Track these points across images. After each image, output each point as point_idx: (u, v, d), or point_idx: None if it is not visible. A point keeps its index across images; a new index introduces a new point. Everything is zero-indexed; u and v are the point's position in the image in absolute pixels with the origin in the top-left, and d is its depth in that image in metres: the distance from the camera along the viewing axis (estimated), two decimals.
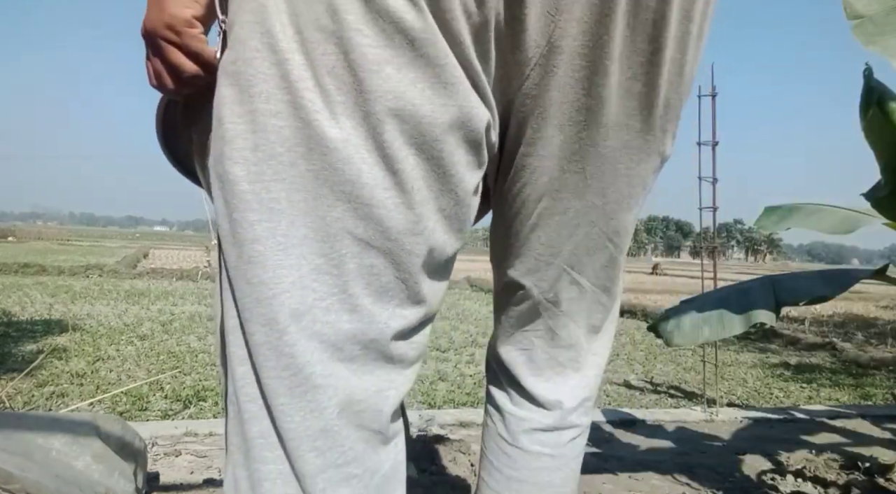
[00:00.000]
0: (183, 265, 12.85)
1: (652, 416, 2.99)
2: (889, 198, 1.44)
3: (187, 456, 2.16)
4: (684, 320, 1.70)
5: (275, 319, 0.50)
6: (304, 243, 0.50)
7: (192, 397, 3.07)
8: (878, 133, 1.36)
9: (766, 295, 1.57)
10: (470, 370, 4.16)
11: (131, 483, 1.37)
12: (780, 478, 2.09)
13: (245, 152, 0.49)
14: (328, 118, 0.48)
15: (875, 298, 12.45)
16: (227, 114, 0.49)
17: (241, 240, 0.50)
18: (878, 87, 1.34)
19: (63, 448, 1.29)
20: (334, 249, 0.51)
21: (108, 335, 4.77)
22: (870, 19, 1.30)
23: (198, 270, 11.14)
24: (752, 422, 3.04)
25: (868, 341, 6.27)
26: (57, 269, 10.41)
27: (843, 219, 1.70)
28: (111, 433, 1.42)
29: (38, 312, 5.79)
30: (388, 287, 0.54)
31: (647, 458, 2.31)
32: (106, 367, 3.69)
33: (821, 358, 5.41)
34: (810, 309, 8.43)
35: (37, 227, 41.81)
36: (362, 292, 0.52)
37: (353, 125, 0.48)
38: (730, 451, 2.51)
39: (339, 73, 0.47)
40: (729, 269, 32.36)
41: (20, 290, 7.55)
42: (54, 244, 23.80)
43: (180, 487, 1.87)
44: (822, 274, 1.63)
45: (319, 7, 0.46)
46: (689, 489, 2.06)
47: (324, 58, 0.47)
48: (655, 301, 9.01)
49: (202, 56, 0.55)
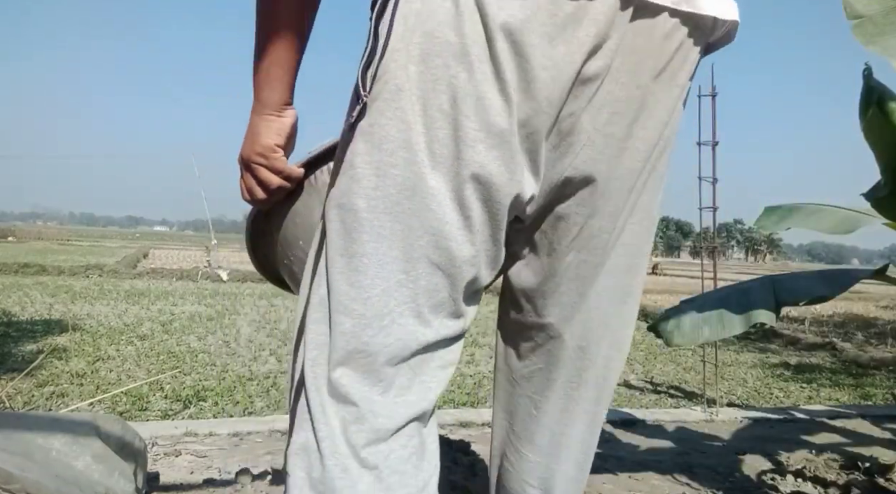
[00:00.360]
0: (183, 265, 12.86)
1: (652, 416, 2.99)
2: (889, 198, 1.44)
3: (187, 456, 2.16)
4: (684, 320, 1.70)
5: (363, 315, 0.67)
6: (395, 261, 0.67)
7: (192, 397, 3.07)
8: (878, 133, 1.36)
9: (766, 295, 1.57)
10: (470, 370, 4.16)
11: (131, 483, 1.37)
12: (780, 478, 2.09)
13: (368, 190, 0.67)
14: (430, 172, 0.66)
15: (875, 298, 12.45)
16: (359, 161, 0.68)
17: (352, 252, 0.68)
18: (878, 87, 1.34)
19: (63, 448, 1.29)
20: (414, 268, 0.68)
21: (108, 335, 4.78)
22: (870, 19, 1.30)
23: (198, 270, 11.14)
24: (752, 422, 3.04)
25: (868, 341, 6.28)
26: (57, 269, 10.41)
27: (843, 219, 1.70)
28: (111, 433, 1.42)
29: (38, 312, 5.79)
30: (443, 302, 0.71)
31: (647, 458, 2.31)
32: (106, 367, 3.69)
33: (821, 358, 5.41)
34: (810, 309, 8.44)
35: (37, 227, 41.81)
36: (425, 303, 0.69)
37: (446, 180, 0.66)
38: (730, 451, 2.51)
39: (446, 143, 0.66)
40: (729, 269, 32.36)
41: (20, 290, 7.56)
42: (54, 244, 23.81)
43: (180, 487, 1.87)
44: (822, 274, 1.63)
45: (444, 96, 0.65)
46: (689, 489, 2.06)
47: (438, 131, 0.66)
48: (655, 301, 9.01)
49: (284, 172, 0.80)
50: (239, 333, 5.19)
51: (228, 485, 1.86)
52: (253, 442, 2.36)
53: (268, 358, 4.21)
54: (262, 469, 1.97)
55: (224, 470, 2.02)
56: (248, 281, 10.89)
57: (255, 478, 1.83)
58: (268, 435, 2.46)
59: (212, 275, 10.87)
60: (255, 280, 11.03)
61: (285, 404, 1.32)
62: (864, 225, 1.65)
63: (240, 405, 3.01)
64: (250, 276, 11.29)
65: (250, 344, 4.69)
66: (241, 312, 6.59)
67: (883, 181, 1.44)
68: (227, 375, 3.62)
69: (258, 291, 9.10)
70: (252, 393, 3.23)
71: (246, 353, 4.34)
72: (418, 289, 0.69)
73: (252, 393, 3.23)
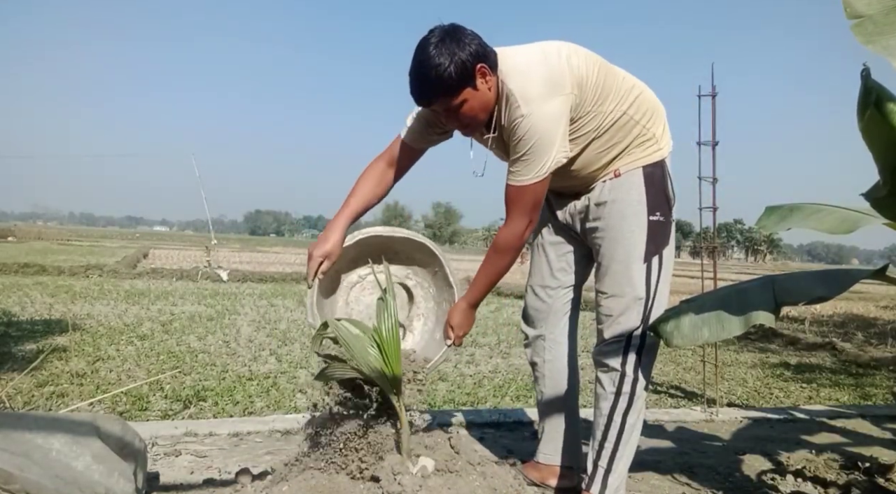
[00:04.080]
0: (183, 265, 12.85)
1: (652, 416, 2.99)
2: (888, 199, 1.44)
3: (187, 456, 2.16)
4: (684, 321, 1.70)
5: (667, 300, 1.77)
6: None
7: (192, 397, 3.07)
8: (876, 133, 1.35)
9: (766, 296, 1.57)
10: (470, 370, 4.16)
11: (131, 483, 1.37)
12: (780, 478, 2.09)
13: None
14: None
15: (875, 298, 12.45)
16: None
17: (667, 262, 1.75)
18: (876, 88, 1.33)
19: (63, 448, 1.29)
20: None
21: (108, 335, 4.78)
22: (870, 19, 1.30)
23: (198, 270, 11.14)
24: (752, 422, 3.04)
25: (868, 341, 6.27)
26: (57, 269, 10.41)
27: (843, 219, 1.70)
28: (111, 433, 1.42)
29: (38, 312, 5.79)
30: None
31: (647, 458, 2.31)
32: (106, 367, 3.69)
33: (821, 358, 5.41)
34: (810, 309, 8.43)
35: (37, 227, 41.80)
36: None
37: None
38: (730, 451, 2.51)
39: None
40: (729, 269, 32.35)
41: (20, 290, 7.56)
42: (54, 244, 23.80)
43: (180, 487, 1.86)
44: (822, 274, 1.62)
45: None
46: (689, 489, 2.06)
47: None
48: None
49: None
50: (239, 333, 5.19)
51: (228, 485, 1.85)
52: (253, 442, 2.36)
53: (268, 358, 4.21)
54: (262, 469, 1.97)
55: (224, 470, 2.02)
56: (248, 281, 10.89)
57: (255, 478, 1.83)
58: (268, 435, 2.46)
59: (212, 275, 10.87)
60: (254, 280, 11.04)
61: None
62: (864, 225, 1.65)
63: (240, 405, 3.01)
64: (250, 276, 11.30)
65: (250, 344, 4.69)
66: (241, 312, 6.59)
67: (882, 181, 1.44)
68: (227, 375, 3.62)
69: (258, 291, 9.11)
70: (252, 393, 3.23)
71: (246, 353, 4.34)
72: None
73: (252, 393, 3.23)
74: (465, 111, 1.54)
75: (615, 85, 1.65)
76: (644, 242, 1.68)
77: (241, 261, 16.41)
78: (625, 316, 1.70)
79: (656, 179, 1.71)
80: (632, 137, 1.69)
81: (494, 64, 1.54)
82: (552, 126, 1.52)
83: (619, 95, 1.65)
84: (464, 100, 1.52)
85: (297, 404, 3.08)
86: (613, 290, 1.72)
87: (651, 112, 1.71)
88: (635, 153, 1.69)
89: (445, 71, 1.45)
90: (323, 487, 1.44)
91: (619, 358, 1.69)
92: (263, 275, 11.48)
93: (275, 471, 1.70)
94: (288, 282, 11.00)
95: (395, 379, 1.50)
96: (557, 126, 1.52)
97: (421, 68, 1.48)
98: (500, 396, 3.43)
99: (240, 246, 35.03)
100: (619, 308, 1.71)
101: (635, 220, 1.68)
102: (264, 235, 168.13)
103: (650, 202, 1.69)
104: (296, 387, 3.42)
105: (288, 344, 4.81)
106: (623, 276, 1.69)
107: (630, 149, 1.69)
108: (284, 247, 40.67)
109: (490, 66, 1.52)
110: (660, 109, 1.75)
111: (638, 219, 1.68)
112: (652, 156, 1.71)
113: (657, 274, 1.71)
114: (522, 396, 3.45)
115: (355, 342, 1.48)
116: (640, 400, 1.71)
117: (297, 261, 18.15)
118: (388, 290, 1.56)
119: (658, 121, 1.73)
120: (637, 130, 1.68)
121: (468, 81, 1.49)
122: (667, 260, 1.73)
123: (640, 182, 1.69)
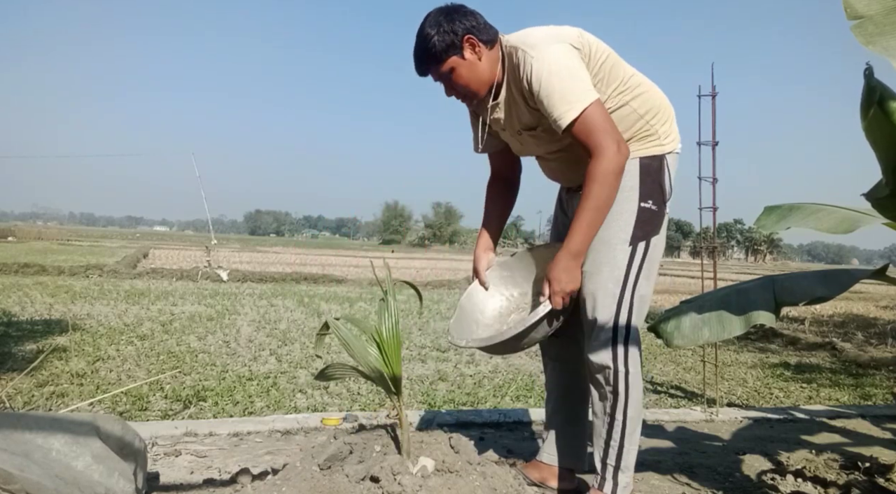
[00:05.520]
0: (183, 265, 12.85)
1: (652, 416, 2.99)
2: (889, 198, 1.44)
3: (187, 456, 2.15)
4: (684, 321, 1.70)
5: (649, 294, 1.79)
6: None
7: (192, 397, 3.07)
8: (879, 133, 1.35)
9: (766, 296, 1.57)
10: (470, 370, 4.16)
11: (131, 483, 1.37)
12: (780, 478, 2.09)
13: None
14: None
15: (875, 298, 12.45)
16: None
17: (654, 260, 1.75)
18: (879, 87, 1.33)
19: (63, 448, 1.29)
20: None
21: (108, 335, 4.77)
22: (870, 19, 1.30)
23: (198, 270, 11.13)
24: (752, 422, 3.04)
25: (868, 341, 6.27)
26: (57, 269, 10.41)
27: (843, 219, 1.70)
28: (111, 433, 1.42)
29: (38, 312, 5.79)
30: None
31: (647, 458, 2.30)
32: (106, 367, 3.69)
33: (821, 358, 5.41)
34: (810, 309, 8.43)
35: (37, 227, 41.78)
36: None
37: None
38: (730, 451, 2.51)
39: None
40: (729, 269, 32.35)
41: (20, 290, 7.56)
42: (54, 244, 23.80)
43: (180, 487, 1.86)
44: (822, 274, 1.62)
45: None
46: (689, 489, 2.06)
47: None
48: (655, 301, 9.00)
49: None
50: (239, 333, 5.19)
51: (228, 485, 1.85)
52: (253, 442, 2.36)
53: (268, 358, 4.20)
54: (261, 469, 1.97)
55: (224, 470, 2.02)
56: (248, 281, 10.89)
57: (255, 478, 1.83)
58: (267, 435, 2.45)
59: (212, 275, 10.86)
60: (254, 280, 11.03)
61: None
62: (864, 225, 1.65)
63: (240, 405, 3.01)
64: (250, 276, 11.29)
65: (250, 344, 4.69)
66: (241, 312, 6.59)
67: (884, 181, 1.44)
68: (227, 375, 3.62)
69: (258, 291, 9.10)
70: (252, 393, 3.23)
71: (246, 353, 4.34)
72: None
73: (252, 393, 3.23)
74: (456, 79, 1.67)
75: (621, 74, 1.69)
76: (632, 226, 1.69)
77: (241, 261, 16.41)
78: (602, 292, 1.68)
79: (653, 170, 1.72)
80: (633, 130, 1.70)
81: (491, 40, 1.66)
82: (566, 59, 1.57)
83: (623, 85, 1.69)
84: (451, 68, 1.65)
85: (297, 404, 3.08)
86: (591, 268, 1.70)
87: (657, 110, 1.73)
88: (635, 146, 1.70)
89: (431, 40, 1.62)
90: (323, 487, 1.44)
91: (608, 353, 1.68)
92: (263, 275, 11.48)
93: (274, 471, 1.70)
94: (288, 282, 11.00)
95: (395, 378, 1.50)
96: (571, 58, 1.58)
97: (416, 41, 1.66)
98: (500, 396, 3.43)
99: (240, 246, 34.99)
100: (594, 286, 1.69)
101: (626, 205, 1.69)
102: (264, 235, 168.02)
103: (643, 190, 1.70)
104: (296, 387, 3.42)
105: (288, 344, 4.81)
106: (605, 255, 1.69)
107: (630, 143, 1.69)
108: (284, 246, 40.73)
109: (483, 41, 1.64)
110: (667, 108, 1.77)
111: (629, 204, 1.69)
112: (651, 150, 1.72)
113: (641, 258, 1.70)
114: (522, 396, 3.45)
115: (355, 342, 1.48)
116: (637, 391, 1.70)
117: (297, 261, 18.15)
118: (388, 291, 1.56)
119: (663, 119, 1.74)
120: (640, 125, 1.70)
121: (454, 50, 1.63)
122: (653, 250, 1.72)
123: (635, 171, 1.70)
